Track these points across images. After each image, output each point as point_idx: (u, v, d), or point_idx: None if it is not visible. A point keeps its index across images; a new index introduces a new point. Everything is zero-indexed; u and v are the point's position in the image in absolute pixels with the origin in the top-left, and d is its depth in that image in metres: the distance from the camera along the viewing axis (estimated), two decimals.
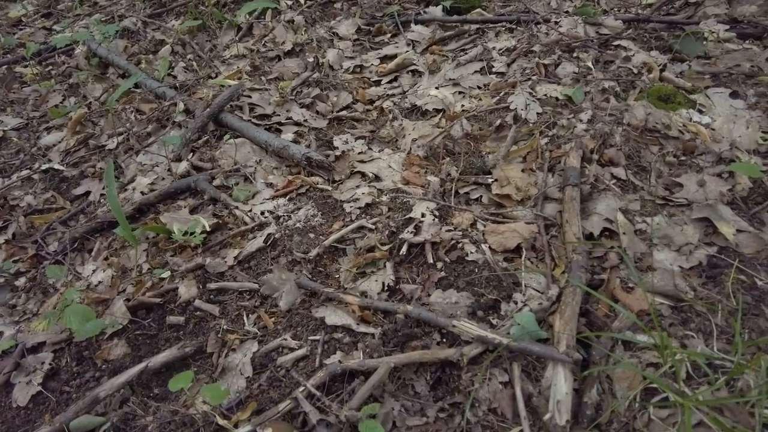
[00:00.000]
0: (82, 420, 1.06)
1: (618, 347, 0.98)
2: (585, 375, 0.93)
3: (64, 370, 1.23)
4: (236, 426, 0.98)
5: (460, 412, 0.94)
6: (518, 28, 2.01)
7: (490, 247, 1.19)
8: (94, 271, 1.43)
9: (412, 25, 2.19)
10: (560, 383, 0.89)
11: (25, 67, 2.69)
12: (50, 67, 2.61)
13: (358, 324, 1.11)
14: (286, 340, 1.12)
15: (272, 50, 2.26)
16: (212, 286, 1.29)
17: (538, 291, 1.09)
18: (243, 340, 1.16)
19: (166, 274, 1.33)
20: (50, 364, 1.24)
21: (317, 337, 1.10)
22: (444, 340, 1.05)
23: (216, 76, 2.17)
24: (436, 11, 2.22)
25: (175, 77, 2.22)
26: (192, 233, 1.42)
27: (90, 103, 2.20)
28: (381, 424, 0.90)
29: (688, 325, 0.99)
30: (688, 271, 1.08)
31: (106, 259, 1.47)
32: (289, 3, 2.54)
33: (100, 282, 1.39)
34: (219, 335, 1.18)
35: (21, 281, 1.46)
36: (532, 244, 1.20)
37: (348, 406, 0.94)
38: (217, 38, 2.48)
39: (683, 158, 1.36)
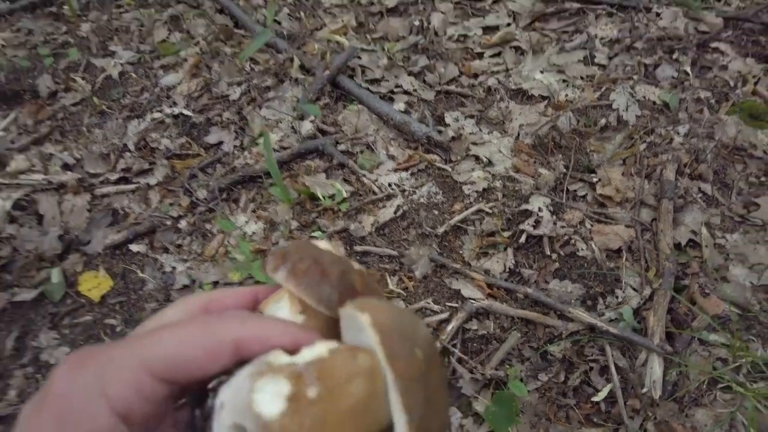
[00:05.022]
0: None
1: (694, 342, 1.29)
2: (670, 363, 1.24)
3: None
4: None
5: (564, 377, 1.27)
6: (618, 13, 2.09)
7: (596, 246, 1.45)
8: (246, 222, 1.70)
9: None
10: (655, 367, 1.21)
11: None
12: None
13: (486, 298, 1.41)
14: (428, 303, 1.42)
15: (373, 3, 2.33)
16: (358, 248, 1.57)
17: (635, 289, 1.38)
18: (390, 297, 1.46)
19: (320, 234, 1.60)
20: None
21: (455, 304, 1.40)
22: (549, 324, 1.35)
23: (321, 28, 2.27)
24: None
25: (279, 23, 2.31)
26: (332, 196, 1.67)
27: (198, 42, 2.31)
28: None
29: (751, 331, 1.30)
30: (757, 287, 1.36)
31: (254, 211, 1.73)
32: None
33: (254, 233, 1.66)
34: None
35: (182, 224, 1.73)
36: (629, 246, 1.46)
37: (489, 365, 1.27)
38: None
39: (764, 179, 1.58)
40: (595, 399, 1.22)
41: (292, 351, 0.32)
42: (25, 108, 2.18)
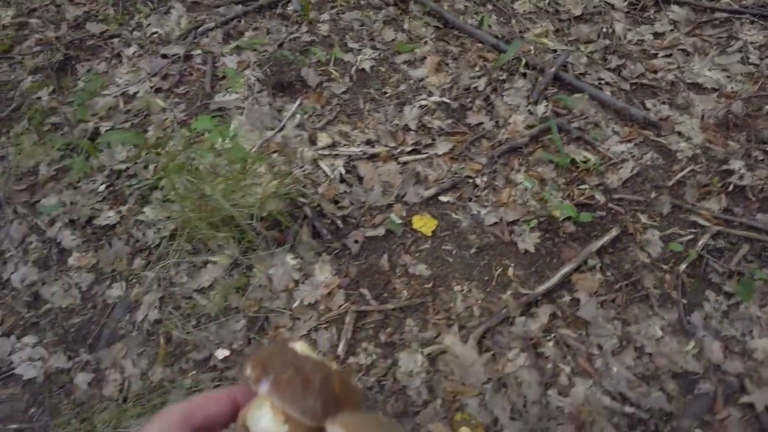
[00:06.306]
0: None
1: None
2: None
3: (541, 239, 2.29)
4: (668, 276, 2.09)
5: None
6: (759, 21, 2.82)
7: None
8: (522, 180, 2.43)
9: (671, 5, 2.95)
10: None
11: None
12: None
13: (712, 225, 2.18)
14: (675, 230, 2.18)
15: (559, 12, 3.00)
16: (615, 196, 2.32)
17: None
18: (645, 227, 2.22)
19: (585, 187, 2.34)
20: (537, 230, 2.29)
21: (693, 230, 2.18)
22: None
23: (525, 31, 2.94)
24: None
25: (491, 27, 2.97)
26: (585, 162, 2.41)
27: (426, 42, 2.96)
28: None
29: None
30: None
31: (526, 171, 2.45)
32: None
33: (531, 187, 2.40)
34: (631, 224, 2.23)
35: (477, 181, 2.44)
36: None
37: (730, 264, 2.05)
38: None
39: None
40: None
41: None
42: (307, 96, 2.83)
